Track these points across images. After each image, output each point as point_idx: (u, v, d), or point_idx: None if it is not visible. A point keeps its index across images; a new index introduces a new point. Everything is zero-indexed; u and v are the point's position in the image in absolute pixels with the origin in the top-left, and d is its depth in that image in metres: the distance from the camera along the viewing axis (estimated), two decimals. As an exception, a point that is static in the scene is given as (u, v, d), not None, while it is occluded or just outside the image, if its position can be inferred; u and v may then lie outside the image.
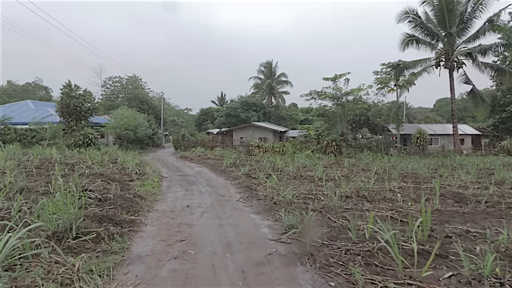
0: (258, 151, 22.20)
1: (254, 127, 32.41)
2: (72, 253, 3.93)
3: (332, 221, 5.83)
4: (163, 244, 4.69)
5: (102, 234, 4.47)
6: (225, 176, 12.29)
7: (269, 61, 52.31)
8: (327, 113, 25.13)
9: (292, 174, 11.63)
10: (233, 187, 9.86)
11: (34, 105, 32.06)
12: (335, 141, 21.88)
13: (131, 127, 27.61)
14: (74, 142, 22.04)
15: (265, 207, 6.92)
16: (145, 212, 6.45)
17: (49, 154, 15.65)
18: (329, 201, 7.18)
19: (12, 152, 15.80)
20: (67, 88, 23.56)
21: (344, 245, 4.60)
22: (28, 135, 23.81)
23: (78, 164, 12.04)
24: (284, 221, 5.67)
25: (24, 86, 55.75)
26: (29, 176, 9.27)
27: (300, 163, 15.01)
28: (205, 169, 15.40)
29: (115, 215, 5.45)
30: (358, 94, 24.20)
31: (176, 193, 8.84)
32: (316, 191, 8.46)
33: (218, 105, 61.55)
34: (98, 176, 9.93)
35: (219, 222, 5.92)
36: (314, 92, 24.22)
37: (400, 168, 13.57)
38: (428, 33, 25.64)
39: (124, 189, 8.25)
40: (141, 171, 11.94)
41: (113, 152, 19.68)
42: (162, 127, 42.64)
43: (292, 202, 7.22)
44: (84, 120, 24.13)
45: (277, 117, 48.57)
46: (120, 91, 58.29)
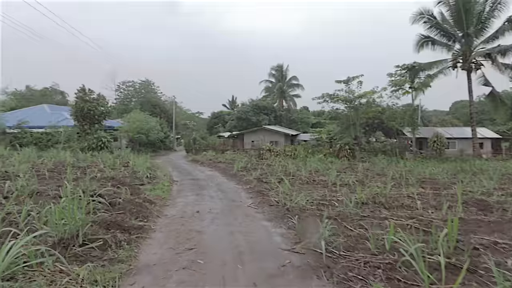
0: (269, 154, 21.97)
1: (265, 130, 32.21)
2: (78, 261, 3.78)
3: (349, 230, 5.53)
4: (171, 252, 4.50)
5: (109, 241, 4.32)
6: (236, 181, 12.10)
7: (280, 64, 52.19)
8: (339, 116, 24.72)
9: (305, 179, 11.34)
10: (244, 192, 9.65)
11: (49, 109, 32.79)
12: (348, 145, 21.44)
13: (143, 131, 27.88)
14: (87, 145, 22.35)
15: (277, 214, 6.67)
16: (154, 217, 6.30)
17: (63, 157, 15.85)
18: (344, 208, 6.87)
19: (28, 155, 16.08)
20: (81, 93, 23.99)
21: (362, 256, 4.30)
22: (43, 139, 24.30)
23: (90, 168, 12.09)
24: (297, 229, 5.41)
25: (41, 91, 57.15)
26: (42, 180, 9.32)
27: (313, 167, 14.68)
28: (216, 173, 15.26)
29: (123, 221, 5.31)
30: (372, 97, 23.73)
31: (187, 198, 8.69)
32: (330, 197, 8.16)
33: (229, 109, 61.69)
34: (109, 179, 9.90)
35: (230, 229, 5.70)
36: (326, 95, 23.88)
37: (417, 173, 13.07)
38: (444, 34, 24.95)
39: (134, 194, 8.16)
40: (152, 175, 11.89)
41: (125, 155, 19.83)
42: (174, 130, 42.97)
43: (306, 208, 6.94)
44: (97, 124, 24.48)
45: (288, 121, 48.23)
46: (133, 95, 59.09)
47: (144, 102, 43.97)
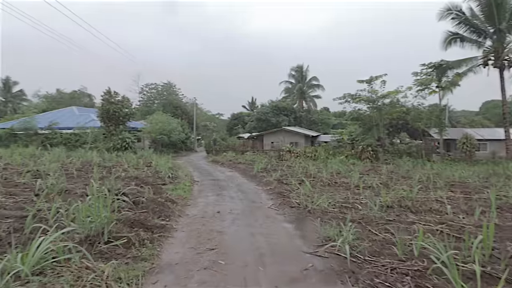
0: (289, 156, 21.78)
1: (285, 131, 32.01)
2: (103, 258, 3.87)
3: (374, 234, 5.32)
4: (193, 252, 4.52)
5: (133, 240, 4.40)
6: (256, 181, 12.06)
7: (300, 65, 51.74)
8: (362, 117, 24.08)
9: (326, 181, 11.12)
10: (264, 193, 9.59)
11: (78, 111, 34.28)
12: (371, 146, 20.85)
13: (165, 132, 28.49)
14: (113, 145, 23.12)
15: (299, 216, 6.55)
16: (176, 217, 6.37)
17: (90, 157, 16.48)
18: (368, 211, 6.64)
19: (57, 155, 16.85)
20: (107, 95, 24.88)
21: (389, 262, 4.12)
22: (72, 139, 25.42)
23: (115, 167, 12.47)
24: (320, 232, 5.28)
25: (70, 94, 59.91)
26: (70, 178, 9.71)
27: (334, 169, 14.39)
28: (236, 173, 15.30)
29: (146, 220, 5.41)
30: (396, 97, 22.96)
31: (207, 198, 8.75)
32: (353, 200, 7.94)
33: (248, 110, 61.91)
34: (133, 179, 10.15)
35: (250, 231, 5.66)
36: (348, 95, 23.36)
37: (446, 176, 12.47)
38: (474, 30, 23.75)
39: (156, 193, 8.31)
40: (173, 175, 12.08)
41: (148, 155, 20.34)
42: (195, 131, 43.64)
43: (328, 211, 6.78)
44: (122, 125, 25.27)
45: (308, 122, 47.68)
46: (155, 97, 60.65)
47: (166, 104, 45.00)
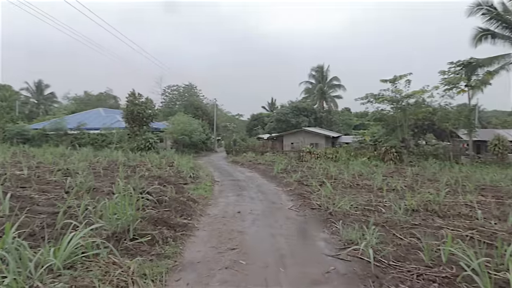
0: (309, 157, 21.55)
1: (305, 132, 31.71)
2: (129, 254, 4.00)
3: (398, 238, 5.16)
4: (214, 251, 4.57)
5: (156, 237, 4.51)
6: (276, 182, 12.03)
7: (321, 65, 51.08)
8: (385, 118, 23.41)
9: (348, 183, 10.91)
10: (284, 194, 9.55)
11: (104, 112, 35.67)
12: (395, 148, 20.21)
13: (186, 132, 29.03)
14: (136, 145, 23.87)
15: (320, 218, 6.46)
16: (197, 216, 6.48)
17: (115, 156, 17.10)
18: (392, 215, 6.45)
19: (85, 154, 17.61)
20: (131, 97, 25.72)
21: (415, 268, 3.98)
22: (99, 139, 26.49)
23: (139, 167, 12.85)
24: (342, 234, 5.18)
25: (97, 96, 62.44)
26: (97, 177, 10.11)
27: (356, 170, 14.09)
28: (256, 174, 15.33)
29: (169, 218, 5.53)
30: (421, 97, 22.15)
31: (228, 198, 8.83)
32: (376, 202, 7.73)
33: (268, 111, 61.88)
34: (156, 178, 10.42)
35: (271, 232, 5.65)
36: (371, 95, 22.78)
37: (476, 180, 11.87)
38: (507, 26, 22.44)
39: (179, 192, 8.48)
40: (195, 175, 12.29)
41: (170, 155, 20.82)
42: (215, 132, 44.18)
43: (350, 213, 6.64)
44: (145, 126, 26.02)
45: (329, 122, 46.96)
46: (177, 98, 61.98)
47: (188, 105, 45.85)
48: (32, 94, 58.16)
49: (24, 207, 5.93)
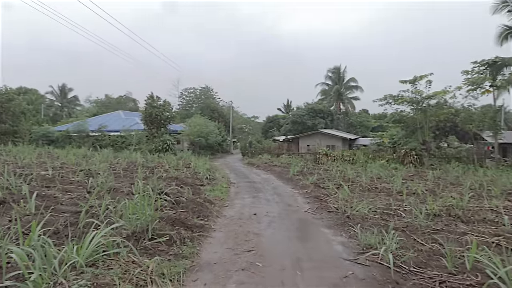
0: (326, 159, 21.28)
1: (322, 134, 31.36)
2: (147, 254, 4.07)
3: (419, 244, 5.00)
4: (230, 252, 4.59)
5: (174, 237, 4.58)
6: (292, 185, 11.96)
7: (337, 66, 50.51)
8: (404, 119, 22.78)
9: (366, 186, 10.69)
10: (300, 197, 9.47)
11: (124, 115, 36.70)
12: (415, 150, 19.63)
13: (203, 134, 29.39)
14: (155, 147, 24.37)
15: (337, 221, 6.36)
16: (214, 217, 6.53)
17: (134, 158, 17.52)
18: (413, 219, 6.26)
19: (106, 156, 18.15)
20: (150, 99, 26.31)
21: (437, 275, 3.84)
22: (118, 141, 27.24)
23: (157, 168, 13.11)
24: (360, 239, 5.08)
25: (117, 99, 64.40)
26: (117, 177, 10.39)
27: (374, 173, 13.78)
28: (271, 176, 15.30)
29: (186, 219, 5.60)
30: (443, 98, 21.41)
31: (244, 200, 8.85)
32: (396, 206, 7.53)
33: (284, 113, 61.68)
34: (173, 179, 10.60)
35: (287, 234, 5.61)
36: (390, 96, 22.23)
37: (502, 184, 11.33)
38: (536, 23, 21.41)
39: (195, 193, 8.59)
40: (211, 176, 12.41)
41: (187, 157, 21.13)
42: (231, 134, 44.47)
43: (368, 217, 6.50)
44: (163, 128, 26.53)
45: (346, 124, 46.31)
46: (194, 101, 62.94)
47: (204, 107, 46.44)
48: (56, 97, 60.64)
49: (49, 206, 6.17)
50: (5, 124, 27.77)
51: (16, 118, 28.51)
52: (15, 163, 12.94)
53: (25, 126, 28.57)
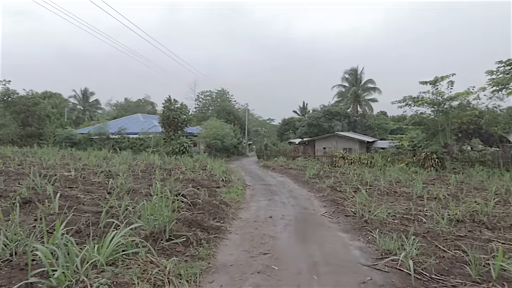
0: (343, 162, 20.95)
1: (338, 137, 30.94)
2: (165, 254, 4.14)
3: (441, 250, 4.83)
4: (246, 255, 4.59)
5: (191, 239, 4.63)
6: (308, 188, 11.84)
7: (354, 67, 49.75)
8: (425, 121, 22.10)
9: (384, 190, 10.43)
10: (317, 200, 9.36)
11: (142, 118, 37.56)
12: (437, 154, 18.99)
13: (219, 137, 29.67)
14: (172, 149, 24.78)
15: (355, 226, 6.23)
16: (230, 219, 6.56)
17: (152, 160, 17.89)
18: (434, 225, 6.05)
19: (125, 158, 18.64)
20: (167, 102, 26.83)
21: (460, 283, 3.70)
22: (137, 143, 27.90)
23: (174, 170, 13.32)
24: (379, 244, 4.95)
25: (136, 102, 66.12)
26: (136, 179, 10.65)
27: (393, 177, 13.44)
28: (287, 179, 15.22)
29: (203, 221, 5.65)
30: (466, 99, 20.62)
31: (259, 202, 8.84)
32: (416, 211, 7.31)
33: (300, 115, 61.37)
34: (190, 181, 10.73)
35: (303, 237, 5.55)
36: (409, 97, 21.64)
37: (531, 189, 10.77)
38: None
39: (211, 195, 8.66)
40: (227, 179, 12.48)
41: (203, 159, 21.37)
42: (246, 136, 44.63)
43: (387, 222, 6.34)
44: (180, 130, 26.96)
45: (363, 127, 45.47)
46: (210, 104, 63.73)
47: (220, 110, 46.89)
48: (79, 101, 62.94)
49: (72, 206, 6.39)
50: (31, 127, 29.07)
51: (42, 121, 29.76)
52: (40, 164, 13.50)
53: (50, 129, 29.79)
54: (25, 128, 28.83)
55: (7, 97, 29.54)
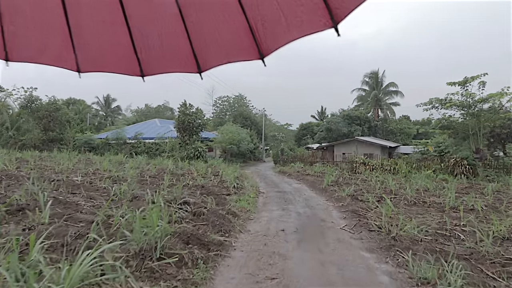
0: (364, 168, 19.77)
1: (358, 142, 29.64)
2: (152, 278, 3.48)
3: (491, 278, 3.90)
4: (250, 279, 3.85)
5: (186, 258, 3.96)
6: (326, 196, 10.94)
7: (375, 70, 48.08)
8: (453, 125, 20.58)
9: (411, 199, 9.40)
10: (335, 211, 8.47)
11: (159, 123, 37.77)
12: (467, 160, 17.48)
13: (235, 142, 29.17)
14: (186, 154, 24.47)
15: (381, 244, 5.31)
16: (236, 232, 5.84)
17: (165, 164, 17.53)
18: (476, 244, 5.08)
19: (139, 162, 18.41)
20: (183, 107, 26.66)
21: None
22: (153, 148, 27.86)
23: (184, 175, 12.81)
24: (412, 269, 4.08)
25: (156, 108, 67.23)
26: (144, 185, 10.19)
27: (420, 185, 12.28)
28: (303, 186, 14.34)
29: (204, 234, 4.97)
30: (499, 101, 19.01)
31: (272, 212, 8.07)
32: (451, 226, 6.32)
33: (318, 120, 60.02)
34: (199, 188, 10.15)
35: (319, 258, 4.73)
36: (436, 99, 20.25)
37: None
38: None
39: (220, 204, 8.01)
40: (239, 185, 11.81)
41: (217, 164, 20.85)
42: (263, 141, 43.95)
43: (419, 239, 5.41)
44: (195, 135, 26.66)
45: (384, 131, 43.68)
46: (227, 109, 63.77)
47: (237, 115, 46.58)
48: (101, 107, 64.68)
49: (68, 214, 5.94)
50: (53, 132, 29.77)
51: (62, 127, 30.43)
52: (53, 168, 13.39)
53: (70, 134, 30.37)
54: (47, 133, 29.55)
55: (30, 103, 30.50)
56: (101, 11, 1.73)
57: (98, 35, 1.83)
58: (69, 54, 1.81)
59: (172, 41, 1.80)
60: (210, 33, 1.71)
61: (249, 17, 1.58)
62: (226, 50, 1.75)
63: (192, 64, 1.80)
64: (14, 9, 1.70)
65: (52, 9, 1.69)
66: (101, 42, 1.87)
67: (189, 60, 1.78)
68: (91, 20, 1.77)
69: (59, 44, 1.81)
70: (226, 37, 1.69)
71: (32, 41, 1.83)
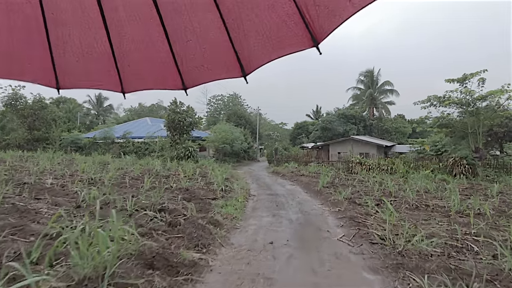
0: (360, 168, 19.05)
1: (354, 141, 29.01)
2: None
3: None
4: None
5: (143, 288, 3.11)
6: (321, 199, 10.16)
7: (370, 69, 47.53)
8: (451, 123, 19.97)
9: (413, 202, 8.66)
10: (332, 217, 7.67)
11: (151, 122, 36.71)
12: (466, 159, 16.86)
13: (228, 141, 28.30)
14: (177, 154, 23.54)
15: (386, 261, 4.47)
16: (216, 246, 4.98)
17: (152, 165, 16.59)
18: (494, 258, 4.33)
19: (125, 163, 17.47)
20: (173, 105, 25.70)
21: None
22: (142, 148, 26.85)
23: (169, 177, 11.94)
24: (427, 298, 3.30)
25: (150, 107, 65.91)
26: (122, 188, 9.30)
27: (419, 186, 11.57)
28: (297, 187, 13.55)
29: (173, 253, 4.11)
30: (500, 98, 18.44)
31: (261, 220, 7.23)
32: (463, 235, 5.56)
33: (313, 119, 59.35)
34: (183, 191, 9.31)
35: (313, 280, 3.90)
36: (434, 97, 19.63)
37: None
38: None
39: (203, 210, 7.17)
40: (228, 188, 10.97)
41: (208, 165, 19.96)
42: (257, 141, 43.11)
43: (429, 254, 4.63)
44: (186, 134, 25.72)
45: (380, 130, 43.17)
46: (222, 108, 62.80)
47: (231, 114, 45.70)
48: (93, 106, 63.25)
49: (21, 226, 5.07)
50: (38, 131, 28.58)
51: (48, 125, 29.25)
52: (29, 169, 12.40)
53: (56, 133, 29.20)
54: (32, 132, 28.36)
55: (15, 102, 29.24)
56: (141, 30, 1.75)
57: (139, 54, 1.85)
58: (113, 77, 1.89)
59: (213, 47, 1.77)
60: (251, 29, 1.65)
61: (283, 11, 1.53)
62: (272, 44, 1.68)
63: (235, 68, 1.78)
64: (63, 40, 1.74)
65: (100, 38, 1.74)
66: (142, 61, 1.89)
67: (232, 63, 1.77)
68: (131, 41, 1.78)
69: (105, 68, 1.87)
70: (268, 31, 1.63)
71: (80, 68, 1.87)
